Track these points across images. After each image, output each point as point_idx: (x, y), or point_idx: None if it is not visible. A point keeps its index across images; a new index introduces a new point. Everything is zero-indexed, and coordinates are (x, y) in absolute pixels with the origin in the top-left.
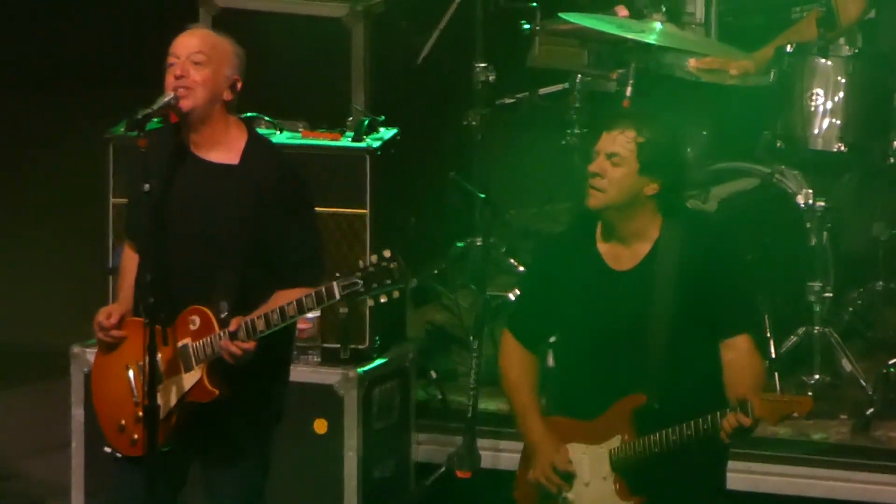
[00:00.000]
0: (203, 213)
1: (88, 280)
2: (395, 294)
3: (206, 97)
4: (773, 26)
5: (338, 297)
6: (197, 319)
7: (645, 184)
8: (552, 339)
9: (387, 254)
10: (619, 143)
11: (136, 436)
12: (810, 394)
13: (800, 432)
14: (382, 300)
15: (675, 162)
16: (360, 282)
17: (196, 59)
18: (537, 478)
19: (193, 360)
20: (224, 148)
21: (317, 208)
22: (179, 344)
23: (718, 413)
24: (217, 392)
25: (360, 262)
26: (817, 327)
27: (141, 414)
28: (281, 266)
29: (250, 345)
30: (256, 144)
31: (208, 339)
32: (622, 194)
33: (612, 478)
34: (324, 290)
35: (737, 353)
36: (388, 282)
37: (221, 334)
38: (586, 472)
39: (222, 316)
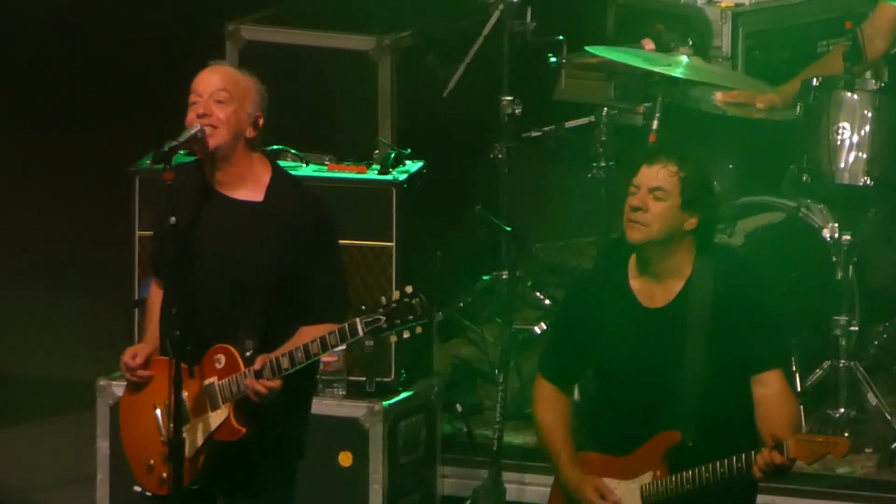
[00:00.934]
0: (228, 251)
1: (115, 313)
2: (419, 330)
3: (230, 136)
4: (798, 60)
5: (361, 333)
6: (222, 358)
7: (685, 219)
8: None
9: (409, 289)
10: (662, 177)
11: (163, 474)
12: (846, 434)
13: (825, 466)
14: (405, 335)
15: (713, 197)
16: (383, 318)
17: (219, 98)
18: None
19: (220, 398)
20: (248, 185)
21: (343, 241)
22: (206, 382)
23: (753, 451)
24: (244, 430)
25: (383, 299)
26: (843, 361)
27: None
28: (306, 302)
29: (276, 383)
30: (281, 181)
31: (234, 378)
32: (664, 229)
33: None
34: (347, 327)
35: (769, 389)
36: (411, 317)
37: (246, 373)
38: None
39: (247, 354)
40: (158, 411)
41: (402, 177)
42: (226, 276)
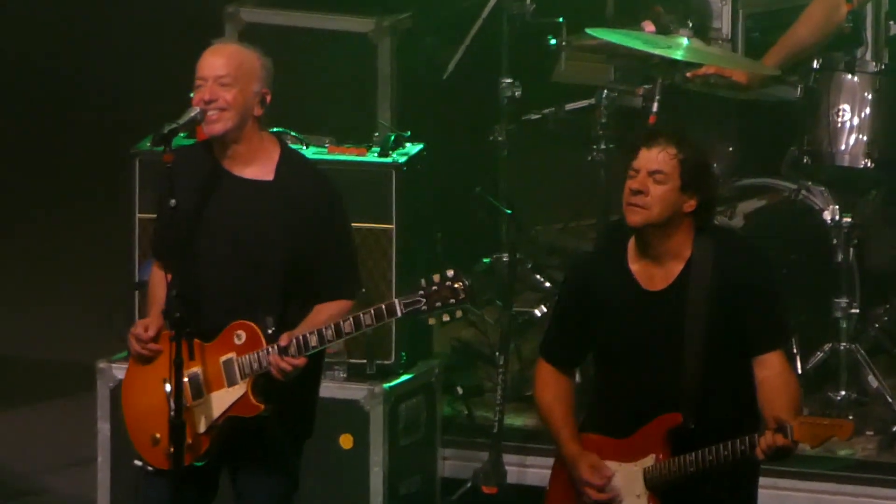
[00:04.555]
0: (240, 230)
1: (115, 295)
2: (458, 314)
3: (238, 118)
4: None
5: (399, 314)
6: (243, 334)
7: (685, 201)
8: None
9: (450, 272)
10: (662, 160)
11: (171, 449)
12: (851, 417)
13: (826, 449)
14: (445, 319)
15: (712, 178)
16: (423, 300)
17: (223, 82)
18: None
19: (238, 374)
20: (258, 164)
21: None
22: (223, 358)
23: (756, 434)
24: (262, 407)
25: (423, 281)
26: (844, 343)
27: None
28: (319, 280)
29: (301, 361)
30: (290, 159)
31: (255, 355)
32: (665, 211)
33: (645, 496)
34: (384, 307)
35: (770, 370)
36: (453, 301)
37: (270, 349)
38: (619, 489)
39: (269, 331)
40: (168, 386)
41: (402, 159)
42: (239, 255)
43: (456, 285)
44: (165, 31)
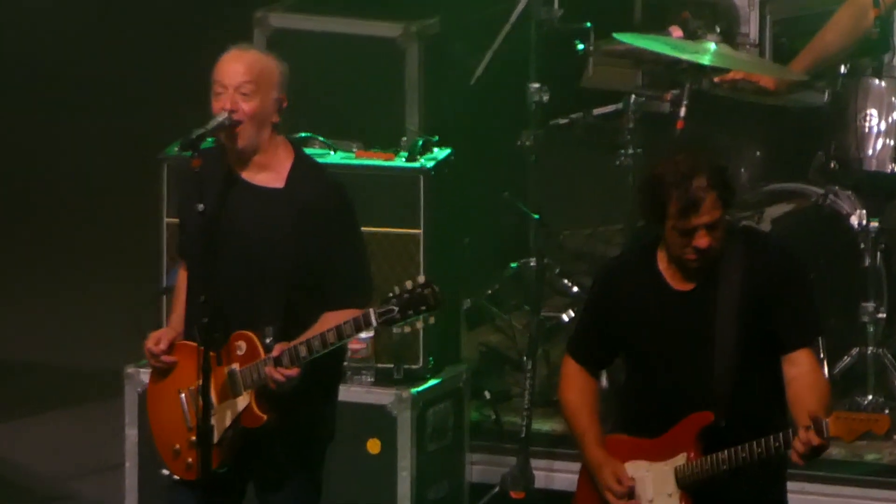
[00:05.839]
0: (248, 238)
1: (143, 301)
2: (431, 320)
3: (256, 128)
4: None
5: (374, 323)
6: (243, 345)
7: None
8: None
9: (421, 279)
10: (708, 210)
11: (189, 460)
12: (887, 412)
13: (853, 453)
14: (418, 325)
15: (732, 181)
16: (396, 308)
17: (244, 91)
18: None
19: (241, 385)
20: (270, 171)
21: (370, 228)
22: (227, 369)
23: (790, 430)
24: (265, 417)
25: (396, 289)
26: (871, 348)
27: (194, 438)
28: (328, 289)
29: (294, 371)
30: (302, 167)
31: (255, 365)
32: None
33: (677, 495)
34: (361, 317)
35: (800, 368)
36: (423, 308)
37: (266, 360)
38: (649, 489)
39: (267, 341)
40: (183, 396)
41: (430, 164)
42: (246, 262)
43: (426, 292)
44: (194, 36)
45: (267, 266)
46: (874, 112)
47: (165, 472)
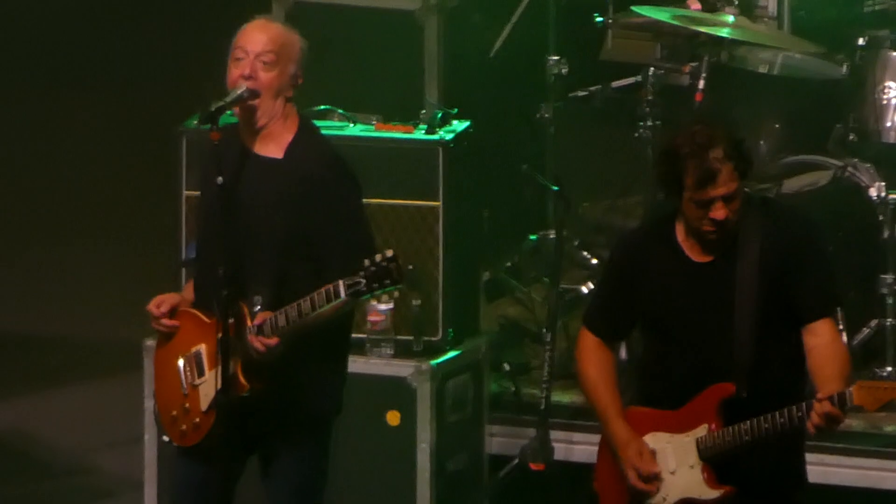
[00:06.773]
0: (249, 208)
1: (162, 273)
2: (396, 294)
3: (271, 100)
4: (845, 20)
5: (343, 296)
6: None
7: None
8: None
9: (388, 253)
10: (724, 181)
11: (184, 427)
12: None
13: (872, 425)
14: (384, 299)
15: (749, 152)
16: (363, 281)
17: (265, 59)
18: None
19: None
20: (274, 142)
21: (390, 200)
22: (219, 336)
23: (813, 400)
24: (248, 386)
25: (366, 262)
26: (890, 320)
27: (188, 405)
28: (327, 258)
29: (272, 341)
30: (303, 137)
31: (240, 333)
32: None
33: (699, 466)
34: (332, 287)
35: (821, 338)
36: (388, 281)
37: (250, 328)
38: (671, 460)
39: (255, 310)
40: (181, 362)
41: (449, 136)
42: (245, 232)
43: (391, 266)
44: (215, 9)
45: (261, 234)
46: (893, 84)
47: (165, 438)
